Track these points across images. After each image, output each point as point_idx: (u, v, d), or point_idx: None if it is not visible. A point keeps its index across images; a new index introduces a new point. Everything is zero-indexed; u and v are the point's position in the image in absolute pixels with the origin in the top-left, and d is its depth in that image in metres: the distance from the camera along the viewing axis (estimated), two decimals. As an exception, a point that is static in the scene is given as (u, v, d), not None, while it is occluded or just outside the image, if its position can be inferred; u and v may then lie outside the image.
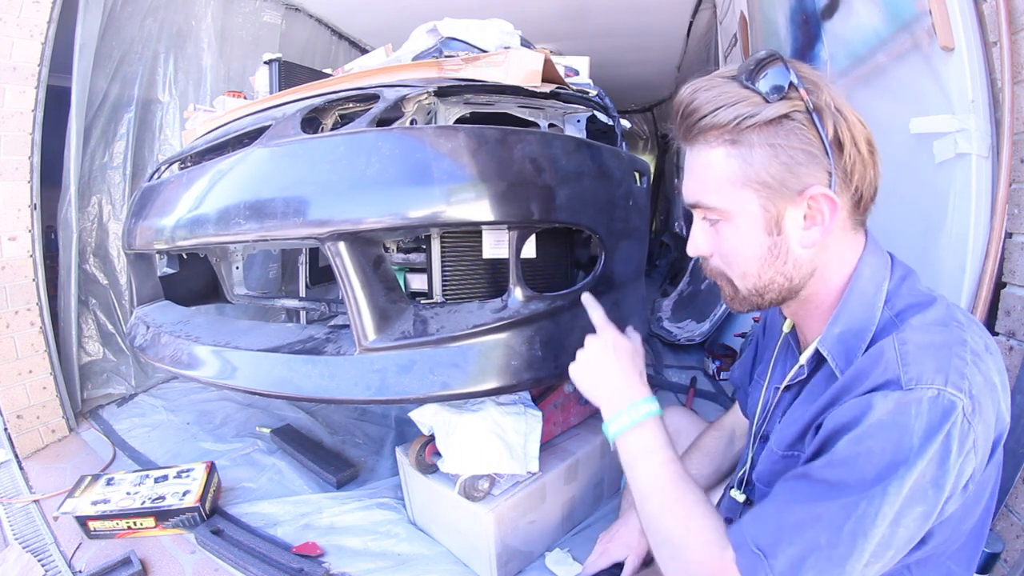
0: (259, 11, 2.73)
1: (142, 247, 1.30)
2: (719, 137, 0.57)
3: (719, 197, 0.59)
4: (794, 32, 1.82)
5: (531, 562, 1.20)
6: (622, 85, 4.77)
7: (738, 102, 0.55)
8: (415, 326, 0.95)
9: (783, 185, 0.56)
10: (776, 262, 0.60)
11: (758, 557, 0.52)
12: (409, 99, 1.03)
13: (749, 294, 0.63)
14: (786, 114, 0.55)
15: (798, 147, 0.55)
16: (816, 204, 0.57)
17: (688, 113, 0.58)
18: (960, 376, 0.49)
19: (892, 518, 0.48)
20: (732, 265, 0.62)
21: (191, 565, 1.21)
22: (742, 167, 0.57)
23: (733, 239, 0.61)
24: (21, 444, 1.68)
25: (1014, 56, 0.92)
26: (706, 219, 0.63)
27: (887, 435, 0.48)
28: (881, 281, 0.60)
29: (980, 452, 0.50)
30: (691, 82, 0.59)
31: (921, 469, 0.47)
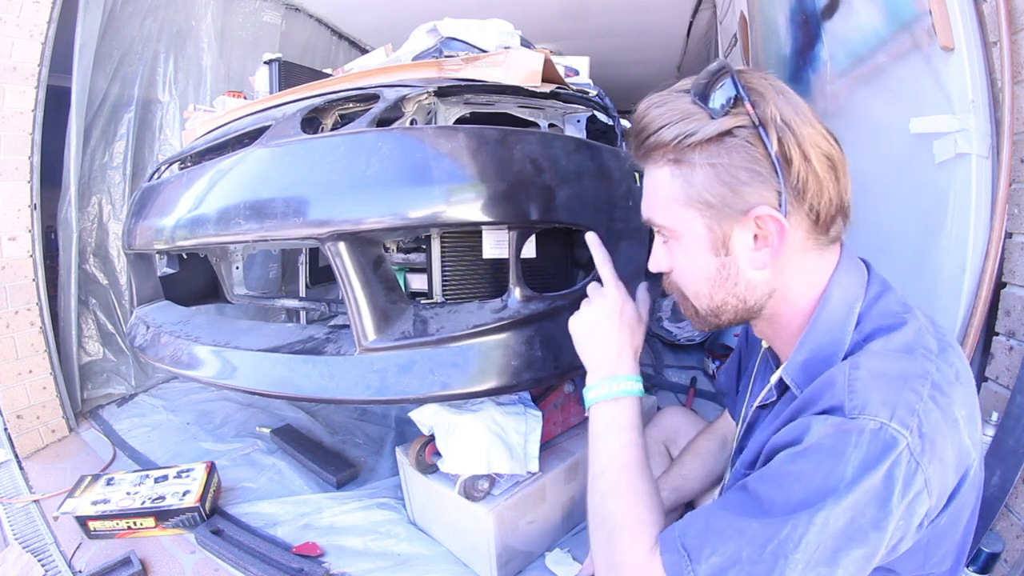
0: (259, 11, 2.73)
1: (142, 247, 1.30)
2: (663, 156, 0.57)
3: (666, 216, 0.59)
4: (794, 32, 1.82)
5: (531, 562, 1.20)
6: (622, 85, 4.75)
7: (682, 119, 0.54)
8: (415, 326, 0.95)
9: (726, 205, 0.54)
10: (727, 283, 0.58)
11: (682, 556, 0.50)
12: (409, 99, 1.03)
13: (706, 314, 0.62)
14: (728, 131, 0.52)
15: (740, 165, 0.53)
16: (764, 225, 0.54)
17: (639, 131, 0.58)
18: (909, 412, 0.47)
19: (824, 552, 0.45)
20: (685, 284, 0.62)
21: (191, 565, 1.21)
22: (684, 187, 0.56)
23: (683, 259, 0.60)
24: (21, 444, 1.68)
25: (1014, 56, 0.92)
26: (660, 235, 0.63)
27: (820, 459, 0.47)
28: (853, 302, 0.57)
29: (935, 493, 0.47)
30: (650, 95, 0.58)
31: (854, 504, 0.45)
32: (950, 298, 1.03)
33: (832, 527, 0.45)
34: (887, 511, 0.45)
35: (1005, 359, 0.97)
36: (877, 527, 0.45)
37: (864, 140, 1.39)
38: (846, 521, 0.45)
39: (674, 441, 1.08)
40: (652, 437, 1.12)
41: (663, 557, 0.52)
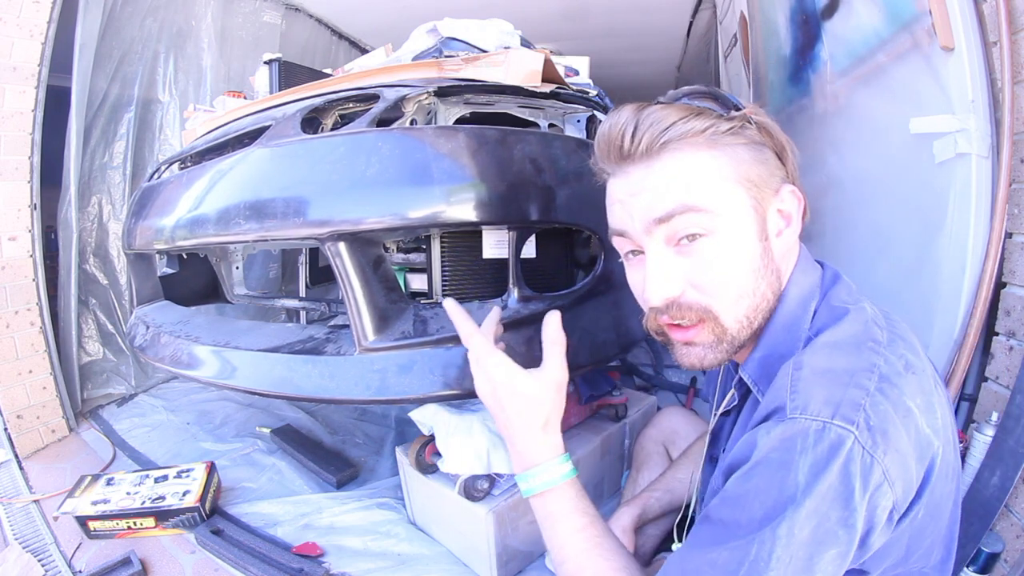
0: (259, 11, 2.73)
1: (142, 247, 1.30)
2: (694, 142, 0.52)
3: (712, 198, 0.52)
4: (794, 32, 1.82)
5: (531, 562, 1.20)
6: (622, 85, 4.76)
7: (699, 114, 0.53)
8: (415, 326, 0.95)
9: (765, 183, 0.55)
10: (767, 272, 0.55)
11: None
12: (409, 99, 1.03)
13: (739, 328, 0.55)
14: (747, 121, 0.55)
15: (767, 147, 0.56)
16: (785, 204, 0.56)
17: (648, 126, 0.52)
18: (854, 407, 0.46)
19: (798, 562, 0.45)
20: (722, 290, 0.54)
21: (191, 565, 1.21)
22: (732, 164, 0.53)
23: (725, 253, 0.53)
24: (21, 444, 1.68)
25: (1014, 56, 0.92)
26: (679, 243, 0.54)
27: (771, 473, 0.47)
28: (809, 299, 0.57)
29: (898, 485, 0.47)
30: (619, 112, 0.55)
31: (816, 509, 0.45)
32: (950, 298, 1.03)
33: (799, 536, 0.45)
34: (851, 508, 0.45)
35: (1005, 359, 0.97)
36: (845, 525, 0.45)
37: (864, 140, 1.39)
38: (812, 527, 0.45)
39: (673, 442, 1.08)
40: (651, 438, 1.12)
41: None
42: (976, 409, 1.03)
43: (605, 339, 1.10)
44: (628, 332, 1.16)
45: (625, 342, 1.16)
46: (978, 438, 0.96)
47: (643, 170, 0.54)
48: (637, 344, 1.29)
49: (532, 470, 0.65)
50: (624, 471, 1.43)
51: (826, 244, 1.53)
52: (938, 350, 1.05)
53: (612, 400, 1.41)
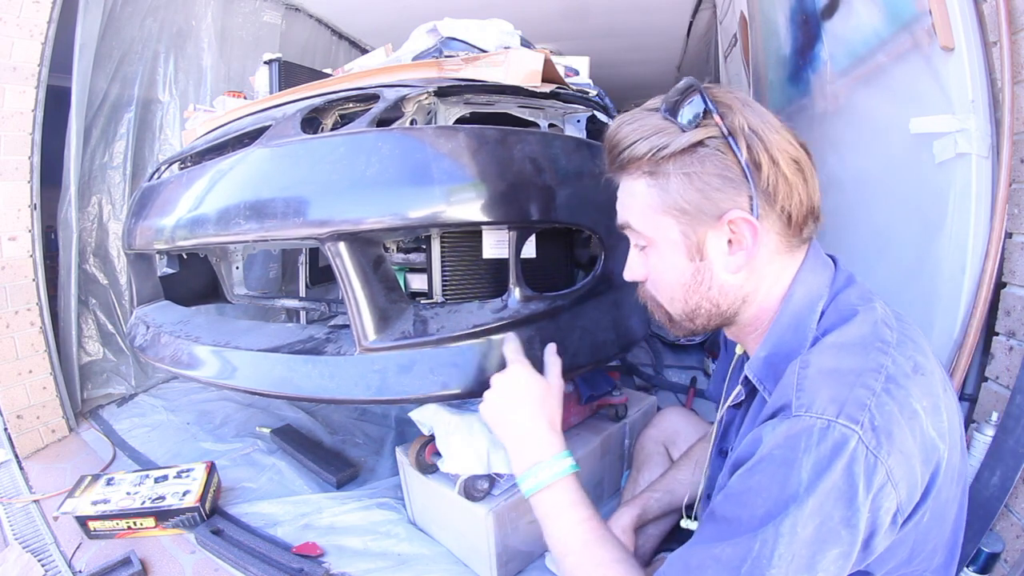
0: (259, 11, 2.73)
1: (142, 247, 1.30)
2: (639, 168, 0.59)
3: (643, 223, 0.61)
4: (794, 32, 1.82)
5: (531, 562, 1.20)
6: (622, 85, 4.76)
7: (654, 134, 0.56)
8: (415, 326, 0.95)
9: (700, 211, 0.56)
10: (700, 288, 0.60)
11: None
12: (409, 99, 1.03)
13: (680, 319, 0.64)
14: (700, 141, 0.55)
15: (713, 173, 0.55)
16: (737, 228, 0.56)
17: (612, 147, 0.61)
18: (859, 407, 0.47)
19: (800, 561, 0.45)
20: (660, 291, 0.64)
21: (191, 565, 1.21)
22: (660, 196, 0.58)
23: (659, 265, 0.62)
24: (21, 444, 1.68)
25: (1014, 56, 0.92)
26: (636, 245, 0.65)
27: (775, 470, 0.47)
28: (816, 299, 0.58)
29: (902, 486, 0.47)
30: (622, 114, 0.62)
31: (819, 508, 0.45)
32: (950, 298, 1.03)
33: (802, 535, 0.45)
34: (855, 508, 0.45)
35: (1005, 359, 0.97)
36: (848, 524, 0.45)
37: (864, 140, 1.39)
38: (815, 526, 0.45)
39: (673, 442, 1.08)
40: (652, 438, 1.12)
41: None
42: (976, 409, 1.03)
43: (605, 339, 1.10)
44: (628, 332, 1.16)
45: (625, 342, 1.16)
46: (978, 438, 0.96)
47: (619, 181, 0.65)
48: (637, 344, 1.29)
49: (537, 466, 0.68)
50: (624, 471, 1.43)
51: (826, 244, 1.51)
52: (938, 350, 1.05)
53: (612, 400, 1.41)
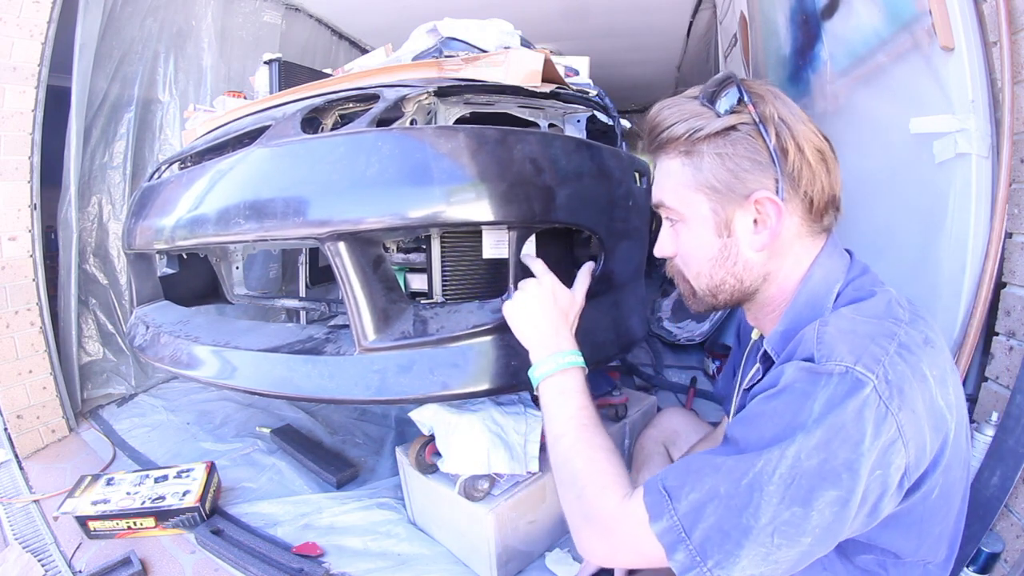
0: (259, 11, 2.73)
1: (142, 247, 1.30)
2: (675, 149, 0.64)
3: (676, 200, 0.65)
4: (794, 32, 1.82)
5: (531, 562, 1.20)
6: (622, 85, 4.77)
7: (692, 117, 0.62)
8: (415, 326, 0.95)
9: (730, 190, 0.61)
10: (726, 263, 0.64)
11: (663, 496, 0.53)
12: (409, 99, 1.03)
13: (703, 294, 0.68)
14: (733, 126, 0.60)
15: (743, 155, 0.60)
16: (763, 208, 0.61)
17: (652, 128, 0.66)
18: (874, 360, 0.49)
19: (798, 490, 0.47)
20: (688, 265, 0.68)
21: (191, 565, 1.21)
22: (693, 174, 0.63)
23: (689, 240, 0.66)
24: (21, 444, 1.68)
25: (1014, 56, 0.92)
26: (669, 220, 0.69)
27: (790, 398, 0.50)
28: (833, 282, 0.62)
29: (912, 446, 0.48)
30: (661, 100, 0.66)
31: (826, 442, 0.47)
32: (950, 298, 1.03)
33: (805, 464, 0.47)
34: (859, 452, 0.47)
35: (1005, 359, 0.97)
36: (850, 469, 0.47)
37: (864, 140, 1.39)
38: (819, 460, 0.47)
39: (674, 442, 1.08)
40: (652, 438, 1.12)
41: (645, 499, 0.54)
42: (976, 409, 1.03)
43: (605, 339, 1.10)
44: (628, 332, 1.16)
45: (625, 342, 1.16)
46: (978, 438, 0.96)
47: (656, 162, 0.69)
48: (637, 344, 1.29)
49: (554, 355, 0.75)
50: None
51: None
52: (938, 350, 1.04)
53: (612, 400, 1.41)
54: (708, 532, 0.49)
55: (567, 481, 0.64)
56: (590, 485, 0.61)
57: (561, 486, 0.65)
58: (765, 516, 0.47)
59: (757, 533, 0.47)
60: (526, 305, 0.81)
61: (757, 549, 0.48)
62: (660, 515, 0.52)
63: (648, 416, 1.50)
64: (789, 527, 0.47)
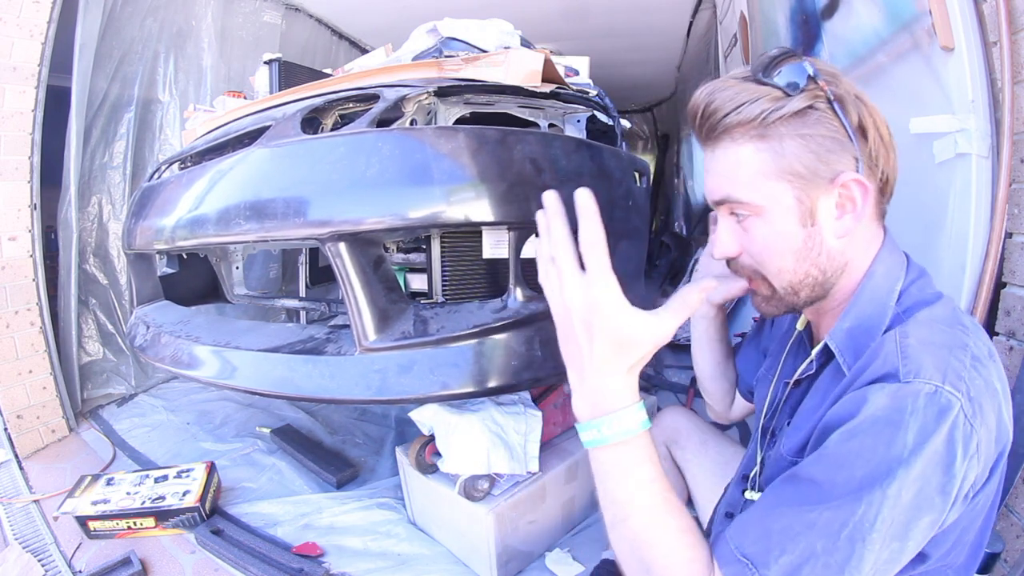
0: (259, 11, 2.73)
1: (142, 247, 1.30)
2: (746, 133, 0.56)
3: (751, 192, 0.57)
4: (794, 32, 1.82)
5: (531, 562, 1.20)
6: (622, 85, 4.77)
7: (760, 97, 0.55)
8: (415, 326, 0.95)
9: (815, 174, 0.55)
10: (811, 254, 0.58)
11: (745, 566, 0.47)
12: (409, 99, 1.03)
13: (785, 292, 0.61)
14: (810, 105, 0.55)
15: (826, 135, 0.55)
16: (847, 191, 0.56)
17: (709, 113, 0.57)
18: (958, 377, 0.47)
19: (897, 527, 0.45)
20: (766, 262, 0.60)
21: (191, 565, 1.21)
22: (774, 159, 0.56)
23: (767, 235, 0.59)
24: (21, 444, 1.68)
25: (1014, 56, 0.92)
26: (734, 215, 0.60)
27: (879, 431, 0.46)
28: (895, 281, 0.59)
29: (983, 458, 0.48)
30: (704, 86, 0.59)
31: (922, 472, 0.45)
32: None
33: (904, 499, 0.45)
34: (951, 475, 0.45)
35: (1005, 359, 0.97)
36: (943, 492, 0.45)
37: (864, 140, 1.38)
38: (915, 491, 0.45)
39: (675, 441, 1.08)
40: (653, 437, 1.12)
41: (723, 571, 0.48)
42: (976, 409, 1.03)
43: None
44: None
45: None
46: (978, 438, 0.96)
47: (709, 153, 0.61)
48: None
49: (609, 416, 0.53)
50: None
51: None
52: (938, 350, 1.05)
53: (612, 400, 1.40)
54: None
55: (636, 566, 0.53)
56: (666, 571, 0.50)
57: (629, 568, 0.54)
58: (868, 564, 0.45)
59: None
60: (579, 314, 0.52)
61: None
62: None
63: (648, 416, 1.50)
64: (889, 564, 0.46)
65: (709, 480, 0.98)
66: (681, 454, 1.05)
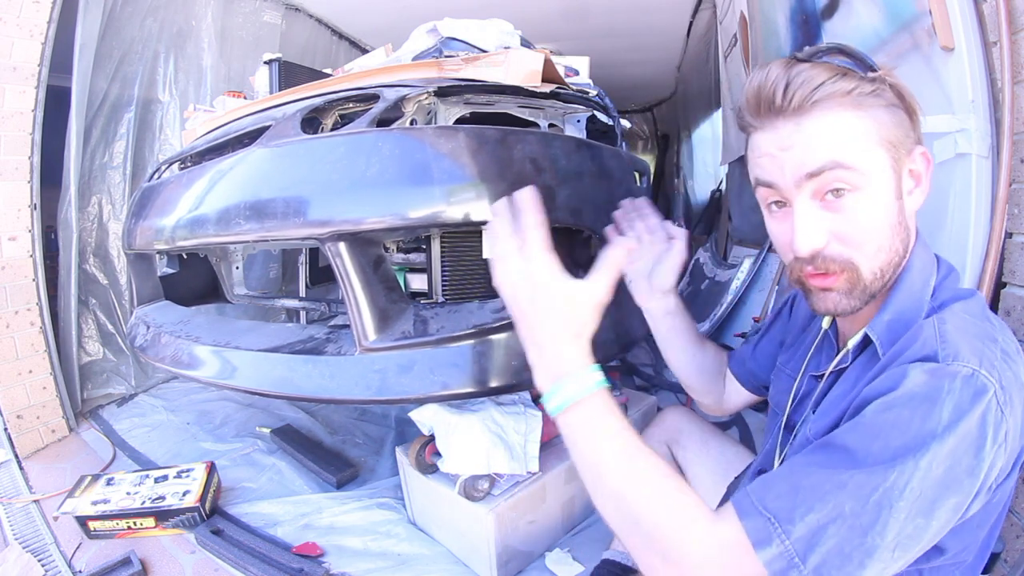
0: (259, 11, 2.74)
1: (142, 247, 1.30)
2: (842, 103, 0.54)
3: (859, 157, 0.54)
4: (794, 32, 1.82)
5: (531, 562, 1.20)
6: (622, 85, 4.77)
7: (847, 74, 0.54)
8: (415, 326, 0.95)
9: (903, 144, 0.56)
10: (901, 229, 0.57)
11: (767, 520, 0.46)
12: (409, 99, 1.03)
13: (873, 277, 0.57)
14: (884, 82, 0.56)
15: (901, 109, 0.56)
16: (920, 164, 0.57)
17: (798, 85, 0.54)
18: (991, 365, 0.48)
19: (924, 502, 0.45)
20: (866, 242, 0.56)
21: (191, 565, 1.21)
22: (875, 127, 0.54)
23: (870, 209, 0.55)
24: (21, 444, 1.68)
25: (1014, 56, 0.92)
26: (826, 196, 0.55)
27: (916, 405, 0.47)
28: (928, 276, 0.60)
29: (1009, 449, 0.48)
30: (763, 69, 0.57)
31: (954, 449, 0.45)
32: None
33: (934, 473, 0.45)
34: (981, 458, 0.46)
35: (1005, 359, 0.97)
36: (971, 474, 0.46)
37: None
38: (946, 468, 0.45)
39: (676, 440, 1.08)
40: (654, 437, 1.12)
41: (744, 523, 0.47)
42: (976, 409, 1.03)
43: (605, 339, 1.10)
44: (628, 332, 1.16)
45: (625, 342, 1.16)
46: (978, 438, 0.96)
47: (793, 126, 0.55)
48: (637, 344, 1.28)
49: (567, 378, 0.56)
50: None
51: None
52: (938, 350, 1.05)
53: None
54: (826, 556, 0.45)
55: (627, 524, 0.51)
56: (665, 521, 0.49)
57: (620, 530, 0.52)
58: (891, 533, 0.44)
59: (881, 551, 0.45)
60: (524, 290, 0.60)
61: (877, 567, 0.45)
62: (767, 540, 0.46)
63: (648, 416, 1.50)
64: (910, 540, 0.45)
65: (710, 479, 0.98)
66: (682, 454, 1.05)
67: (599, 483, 0.54)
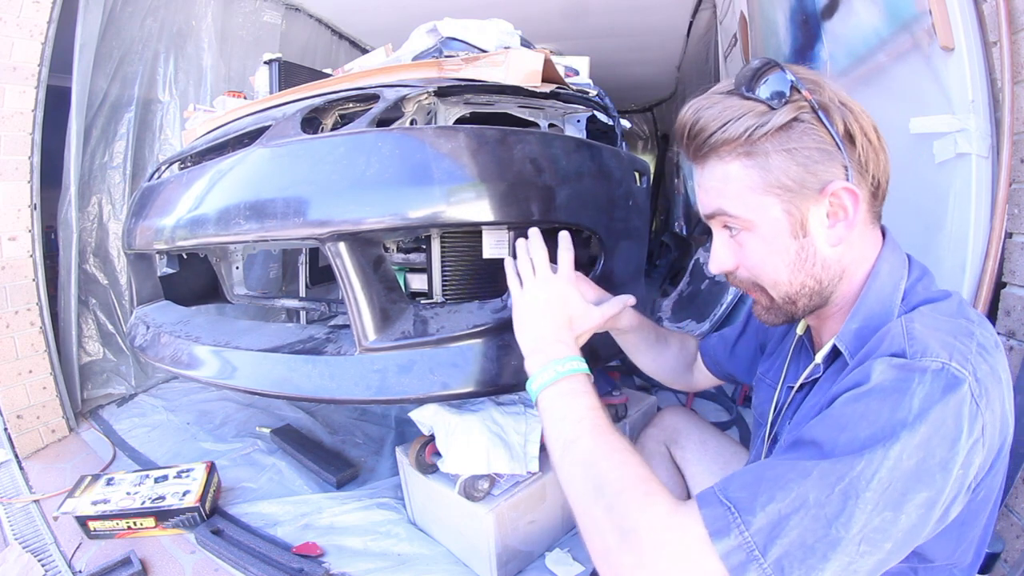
0: (259, 11, 2.73)
1: (142, 247, 1.30)
2: (732, 151, 0.57)
3: (741, 207, 0.59)
4: (794, 32, 1.82)
5: (531, 562, 1.20)
6: (622, 85, 4.77)
7: (744, 114, 0.56)
8: (415, 326, 0.95)
9: (803, 186, 0.56)
10: (805, 265, 0.59)
11: (726, 509, 0.45)
12: (409, 99, 1.03)
13: (783, 302, 0.62)
14: (795, 117, 0.55)
15: (812, 147, 0.55)
16: (838, 200, 0.57)
17: (695, 133, 0.58)
18: (964, 358, 0.48)
19: (893, 494, 0.43)
20: (761, 275, 0.62)
21: (191, 565, 1.21)
22: (761, 175, 0.57)
23: (759, 248, 0.60)
24: (21, 444, 1.68)
25: (1014, 56, 0.92)
26: (727, 229, 0.62)
27: (886, 396, 0.46)
28: (899, 280, 0.59)
29: (987, 444, 0.47)
30: (690, 102, 0.60)
31: (926, 440, 0.44)
32: (950, 298, 1.03)
33: (905, 464, 0.44)
34: (955, 451, 0.45)
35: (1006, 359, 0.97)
36: (944, 468, 0.44)
37: (864, 140, 1.38)
38: (917, 460, 0.44)
39: (675, 441, 1.08)
40: (653, 437, 1.12)
41: (703, 512, 0.46)
42: (976, 409, 1.03)
43: (605, 339, 1.10)
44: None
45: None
46: (978, 438, 0.96)
47: (698, 169, 0.63)
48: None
49: (559, 359, 0.68)
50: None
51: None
52: (938, 350, 1.05)
53: (612, 400, 1.41)
54: (788, 548, 0.43)
55: (590, 491, 0.52)
56: (627, 492, 0.50)
57: (581, 498, 0.53)
58: (857, 525, 0.43)
59: (846, 544, 0.43)
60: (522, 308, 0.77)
61: (842, 560, 0.43)
62: (725, 531, 0.44)
63: (648, 416, 1.50)
64: (877, 533, 0.43)
65: (709, 480, 0.97)
66: (681, 454, 1.05)
67: (569, 449, 0.58)
